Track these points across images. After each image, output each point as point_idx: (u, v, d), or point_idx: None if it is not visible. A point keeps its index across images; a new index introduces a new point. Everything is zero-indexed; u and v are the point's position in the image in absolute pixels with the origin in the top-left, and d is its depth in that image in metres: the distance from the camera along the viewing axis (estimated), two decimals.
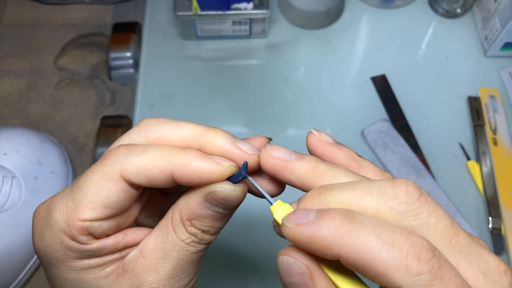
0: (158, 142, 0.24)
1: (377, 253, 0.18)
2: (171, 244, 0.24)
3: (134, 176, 0.23)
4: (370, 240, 0.18)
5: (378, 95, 0.61)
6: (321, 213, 0.19)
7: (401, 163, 0.55)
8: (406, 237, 0.18)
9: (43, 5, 1.18)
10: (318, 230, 0.19)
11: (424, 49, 0.66)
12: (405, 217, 0.19)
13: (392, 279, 0.18)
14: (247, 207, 0.30)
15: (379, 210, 0.19)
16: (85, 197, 0.23)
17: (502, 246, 0.51)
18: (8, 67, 1.10)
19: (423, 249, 0.18)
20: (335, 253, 0.18)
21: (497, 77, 0.62)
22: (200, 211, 0.23)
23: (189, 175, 0.23)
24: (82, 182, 0.23)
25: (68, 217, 0.23)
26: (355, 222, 0.18)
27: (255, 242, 0.52)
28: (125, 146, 0.24)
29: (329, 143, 0.24)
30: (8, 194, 0.73)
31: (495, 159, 0.55)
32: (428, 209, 0.19)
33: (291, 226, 0.20)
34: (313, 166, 0.22)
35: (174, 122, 0.25)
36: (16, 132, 0.81)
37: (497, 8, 0.61)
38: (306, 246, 0.19)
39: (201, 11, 0.61)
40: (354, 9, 0.69)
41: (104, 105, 1.05)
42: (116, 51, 1.05)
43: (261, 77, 0.63)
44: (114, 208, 0.23)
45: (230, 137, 0.24)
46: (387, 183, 0.20)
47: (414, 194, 0.19)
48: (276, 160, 0.23)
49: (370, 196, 0.20)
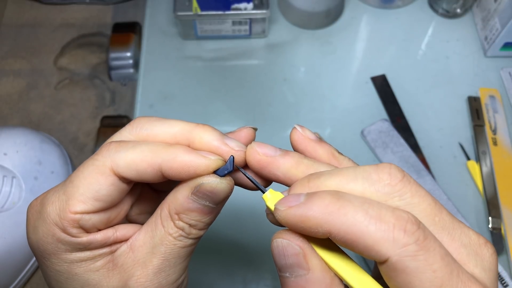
0: (149, 139, 0.25)
1: (365, 227, 0.19)
2: (159, 239, 0.25)
3: (123, 170, 0.24)
4: (358, 216, 0.19)
5: (378, 95, 0.61)
6: (311, 195, 0.20)
7: (401, 163, 0.55)
8: (392, 212, 0.19)
9: (43, 5, 1.18)
10: (309, 209, 0.20)
11: (424, 49, 0.66)
12: (389, 198, 0.20)
13: (380, 251, 0.18)
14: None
15: (365, 193, 0.20)
16: (76, 191, 0.23)
17: (502, 246, 0.51)
18: (8, 67, 1.10)
19: (408, 222, 0.19)
20: (325, 230, 0.19)
21: (497, 77, 0.62)
22: (188, 205, 0.24)
23: (177, 168, 0.23)
24: (74, 176, 0.24)
25: (60, 209, 0.24)
26: (343, 200, 0.19)
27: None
28: (116, 142, 0.24)
29: (311, 139, 0.25)
30: (8, 194, 0.73)
31: (495, 159, 0.55)
32: (411, 190, 0.20)
33: (283, 209, 0.20)
34: (297, 161, 0.23)
35: (164, 120, 0.25)
36: (16, 132, 0.81)
37: (497, 8, 0.61)
38: (298, 226, 0.20)
39: (201, 11, 0.61)
40: (354, 9, 0.69)
41: (104, 105, 1.05)
42: (116, 51, 1.05)
43: (261, 77, 0.63)
44: (105, 202, 0.24)
45: (217, 133, 0.25)
46: (371, 168, 0.21)
47: (397, 176, 0.20)
48: (262, 156, 0.24)
49: (356, 180, 0.21)
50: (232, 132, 0.27)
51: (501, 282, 0.48)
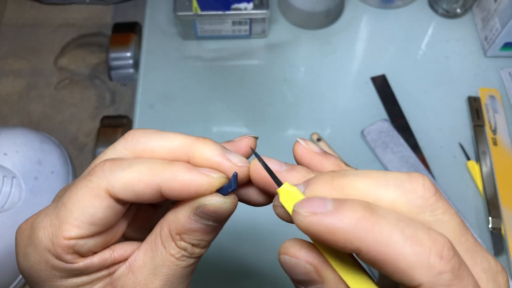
0: (145, 154, 0.24)
1: (400, 248, 0.17)
2: (160, 260, 0.23)
3: (120, 192, 0.22)
4: (394, 235, 0.17)
5: (378, 95, 0.61)
6: (341, 203, 0.18)
7: (401, 163, 0.55)
8: (428, 234, 0.18)
9: (43, 5, 1.18)
10: (338, 221, 0.18)
11: (424, 49, 0.66)
12: (421, 212, 0.19)
13: (413, 276, 0.17)
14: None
15: (396, 202, 0.19)
16: (70, 215, 0.22)
17: (502, 246, 0.51)
18: (8, 67, 1.10)
19: (445, 247, 0.17)
20: (355, 247, 0.18)
21: (497, 77, 0.62)
22: (190, 225, 0.23)
23: (177, 188, 0.22)
24: (67, 199, 0.22)
25: (53, 235, 0.22)
26: (378, 215, 0.18)
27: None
28: (110, 161, 0.23)
29: (316, 153, 0.23)
30: (8, 194, 0.73)
31: (495, 159, 0.55)
32: (443, 206, 0.19)
33: (306, 215, 0.18)
34: (304, 176, 0.22)
35: (161, 133, 0.24)
36: (16, 132, 0.81)
37: (497, 8, 0.61)
38: (322, 237, 0.18)
39: (201, 11, 0.61)
40: (354, 9, 0.69)
41: (104, 105, 1.05)
42: (116, 51, 1.05)
43: (261, 77, 0.63)
44: (100, 225, 0.23)
45: (219, 148, 0.23)
46: (403, 175, 0.19)
47: (431, 189, 0.19)
48: (266, 172, 0.22)
49: (387, 187, 0.19)
50: (232, 142, 0.25)
51: None
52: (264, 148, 0.57)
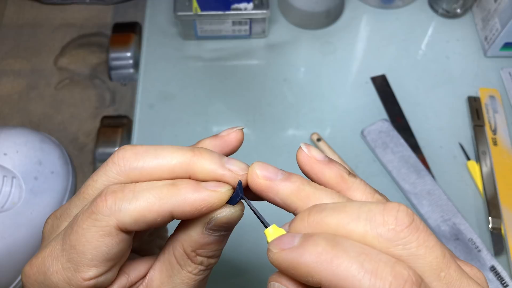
0: (143, 178, 0.23)
1: (358, 282, 0.17)
2: (179, 278, 0.24)
3: (131, 225, 0.22)
4: (352, 269, 0.17)
5: (378, 95, 0.61)
6: (306, 238, 0.19)
7: (401, 163, 0.55)
8: (391, 267, 0.17)
9: (43, 5, 1.18)
10: (300, 256, 0.18)
11: (424, 49, 0.66)
12: (392, 246, 0.18)
13: None
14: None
15: (366, 236, 0.19)
16: (83, 257, 0.22)
17: (502, 246, 0.51)
18: (8, 67, 1.10)
19: (407, 282, 0.17)
20: (316, 280, 0.18)
21: (497, 77, 0.62)
22: (204, 240, 0.23)
23: (190, 210, 0.22)
24: (75, 241, 0.22)
25: (70, 278, 0.22)
26: (338, 248, 0.18)
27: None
28: (112, 195, 0.22)
29: (318, 160, 0.23)
30: (8, 194, 0.73)
31: (495, 159, 0.55)
32: (419, 238, 0.18)
33: (275, 251, 0.19)
34: (298, 188, 0.22)
35: (154, 151, 0.23)
36: (16, 132, 0.81)
37: (497, 8, 0.61)
38: (289, 272, 0.19)
39: (201, 11, 0.61)
40: (354, 9, 0.69)
41: (104, 105, 1.05)
42: (116, 51, 1.05)
43: (261, 77, 0.63)
44: (117, 259, 0.23)
45: (217, 158, 0.23)
46: (377, 207, 0.19)
47: (404, 221, 0.18)
48: (261, 180, 0.22)
49: (358, 220, 0.19)
50: (221, 137, 0.25)
51: (501, 282, 0.48)
52: (264, 148, 0.58)
